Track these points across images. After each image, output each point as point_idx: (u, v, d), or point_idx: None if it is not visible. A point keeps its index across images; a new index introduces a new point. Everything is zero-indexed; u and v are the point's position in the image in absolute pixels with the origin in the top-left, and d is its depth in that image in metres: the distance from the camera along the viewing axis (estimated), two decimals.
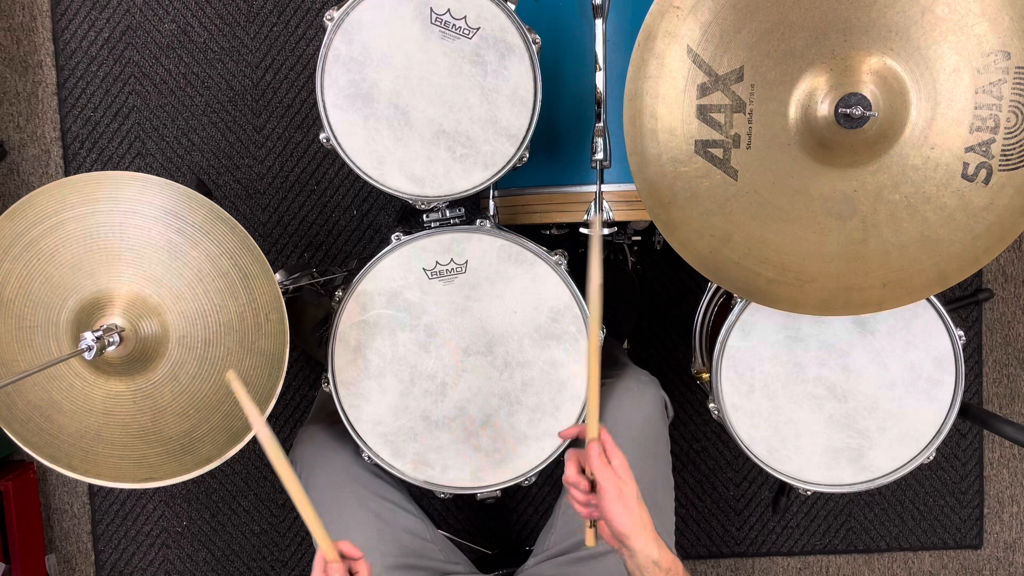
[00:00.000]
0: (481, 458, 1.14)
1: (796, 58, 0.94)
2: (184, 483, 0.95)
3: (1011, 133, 0.94)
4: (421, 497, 1.58)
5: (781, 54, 0.94)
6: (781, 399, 1.14)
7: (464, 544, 1.66)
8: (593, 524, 0.94)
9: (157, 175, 0.94)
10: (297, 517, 1.75)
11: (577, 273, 1.16)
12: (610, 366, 1.32)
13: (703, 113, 0.96)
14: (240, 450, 0.97)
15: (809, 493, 1.17)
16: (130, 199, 0.94)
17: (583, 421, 1.14)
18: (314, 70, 1.05)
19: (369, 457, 1.13)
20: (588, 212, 1.19)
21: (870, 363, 1.13)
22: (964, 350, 1.12)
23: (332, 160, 1.72)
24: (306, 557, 1.77)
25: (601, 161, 1.15)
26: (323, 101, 1.05)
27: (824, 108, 0.93)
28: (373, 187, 1.08)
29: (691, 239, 1.01)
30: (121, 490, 1.74)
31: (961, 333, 1.12)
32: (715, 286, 1.33)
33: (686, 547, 1.81)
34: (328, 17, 1.04)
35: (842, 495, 1.81)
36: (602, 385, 1.20)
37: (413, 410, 1.13)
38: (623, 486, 0.89)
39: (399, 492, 1.18)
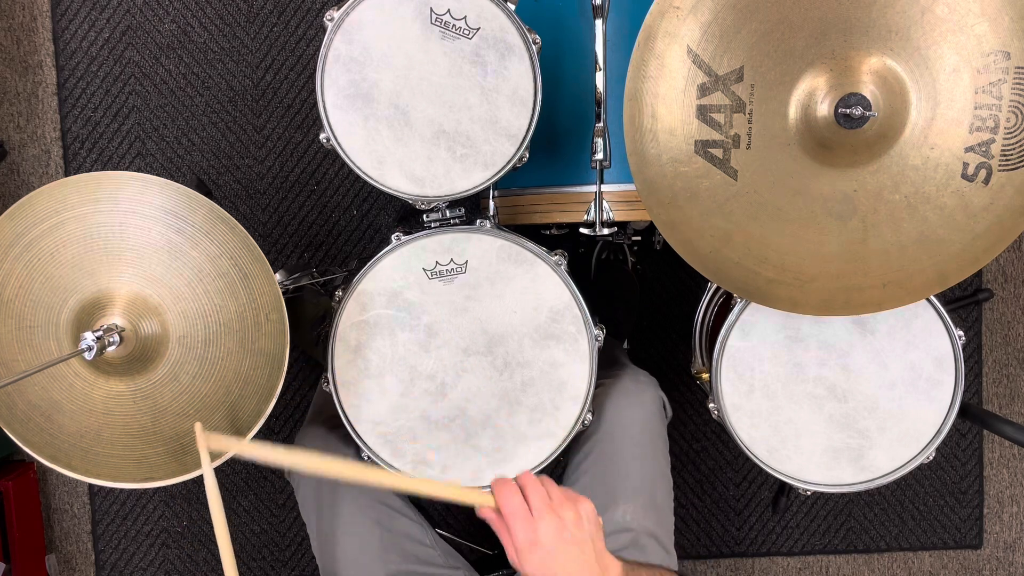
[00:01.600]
0: (481, 458, 1.14)
1: (796, 58, 0.94)
2: (184, 483, 0.95)
3: (1011, 133, 0.94)
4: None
5: (781, 54, 0.94)
6: (781, 399, 1.14)
7: (464, 544, 1.66)
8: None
9: (157, 175, 0.94)
10: (297, 516, 1.75)
11: (577, 273, 1.16)
12: (609, 366, 1.32)
13: (703, 113, 0.96)
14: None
15: (809, 493, 1.17)
16: (130, 199, 0.93)
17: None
18: (314, 70, 1.05)
19: (369, 457, 1.13)
20: (588, 212, 1.19)
21: (870, 363, 1.13)
22: (964, 350, 1.12)
23: (332, 160, 1.72)
24: (306, 557, 1.77)
25: (601, 161, 1.15)
26: (323, 101, 1.05)
27: (824, 108, 0.93)
28: (373, 187, 1.08)
29: (691, 239, 1.01)
30: (121, 490, 1.74)
31: (961, 333, 1.12)
32: (715, 286, 1.33)
33: (686, 547, 1.81)
34: (328, 17, 1.04)
35: (842, 495, 1.81)
36: (600, 385, 1.21)
37: (413, 410, 1.13)
38: (536, 530, 0.78)
39: (399, 497, 1.18)
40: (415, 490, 1.00)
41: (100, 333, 0.90)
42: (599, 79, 1.15)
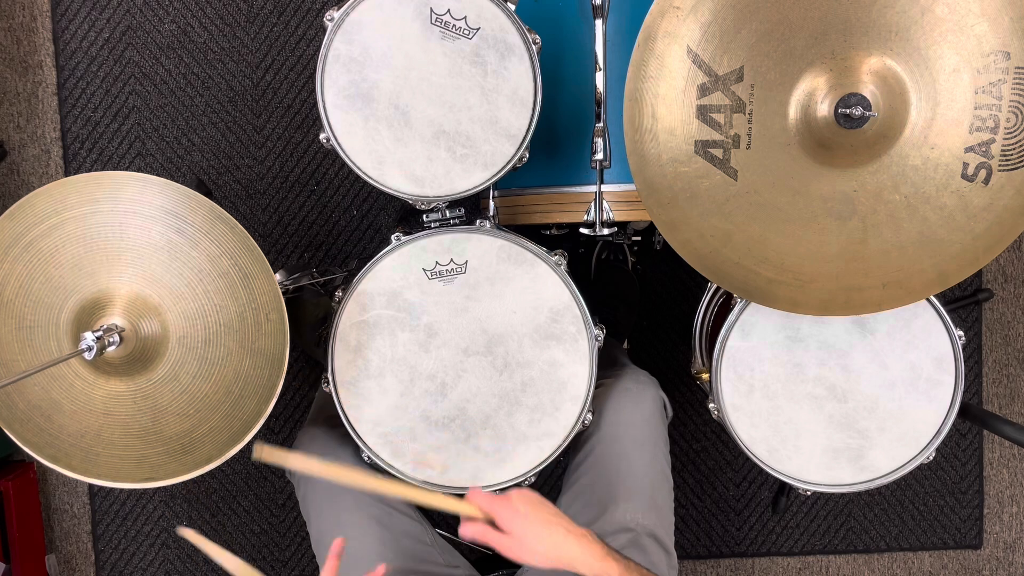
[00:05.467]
0: (481, 458, 1.14)
1: (796, 58, 0.94)
2: (184, 483, 0.95)
3: (1011, 133, 0.94)
4: None
5: (781, 54, 0.94)
6: (781, 399, 1.14)
7: (464, 544, 1.66)
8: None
9: (157, 175, 0.94)
10: (297, 516, 1.75)
11: (577, 273, 1.16)
12: (609, 366, 1.32)
13: (703, 113, 0.96)
14: (240, 450, 0.97)
15: (809, 493, 1.17)
16: (130, 199, 0.94)
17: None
18: (314, 70, 1.05)
19: (369, 457, 1.13)
20: (588, 212, 1.19)
21: (870, 363, 1.13)
22: (964, 350, 1.12)
23: (332, 160, 1.72)
24: (306, 557, 1.77)
25: (601, 161, 1.15)
26: (323, 101, 1.05)
27: (824, 108, 0.93)
28: (373, 187, 1.08)
29: (691, 239, 1.01)
30: (121, 490, 1.74)
31: (961, 333, 1.12)
32: (715, 286, 1.33)
33: (686, 547, 1.81)
34: (328, 17, 1.04)
35: (842, 495, 1.81)
36: (601, 386, 1.21)
37: (413, 410, 1.13)
38: (525, 527, 0.91)
39: None
40: (409, 497, 1.06)
41: (100, 333, 0.90)
42: (599, 79, 1.15)
